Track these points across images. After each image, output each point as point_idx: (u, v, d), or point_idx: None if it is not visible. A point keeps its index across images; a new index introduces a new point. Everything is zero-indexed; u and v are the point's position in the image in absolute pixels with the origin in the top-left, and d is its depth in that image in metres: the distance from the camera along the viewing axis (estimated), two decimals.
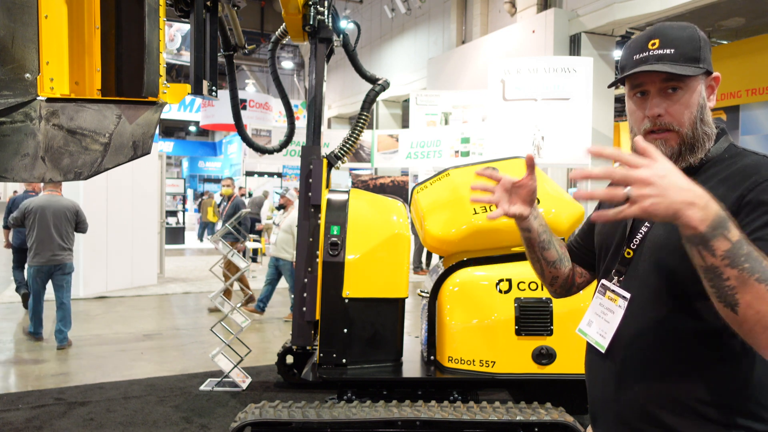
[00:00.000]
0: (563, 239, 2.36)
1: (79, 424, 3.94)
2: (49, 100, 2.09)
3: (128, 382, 4.84)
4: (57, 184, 6.03)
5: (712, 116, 1.26)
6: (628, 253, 1.28)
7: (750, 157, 1.19)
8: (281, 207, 7.25)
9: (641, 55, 1.23)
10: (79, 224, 6.01)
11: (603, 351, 1.29)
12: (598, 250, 1.44)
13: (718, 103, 8.64)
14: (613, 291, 1.30)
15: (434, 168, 11.05)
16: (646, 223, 1.25)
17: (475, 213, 3.41)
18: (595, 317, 1.34)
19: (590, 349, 1.36)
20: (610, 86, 1.35)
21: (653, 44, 1.22)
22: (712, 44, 1.25)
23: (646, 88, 1.23)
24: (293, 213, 6.89)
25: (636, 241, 1.27)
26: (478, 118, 11.75)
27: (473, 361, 3.31)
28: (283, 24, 3.80)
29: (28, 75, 2.04)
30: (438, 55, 15.14)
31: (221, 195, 10.32)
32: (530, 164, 1.32)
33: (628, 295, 1.26)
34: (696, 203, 0.94)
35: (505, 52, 11.83)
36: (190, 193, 25.41)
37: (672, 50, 1.20)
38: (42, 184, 6.22)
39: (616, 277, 1.30)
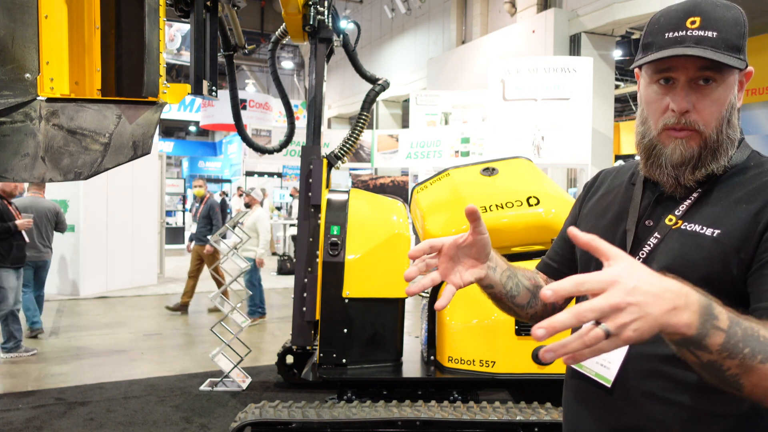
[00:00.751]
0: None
1: (79, 424, 3.94)
2: (49, 100, 2.09)
3: (128, 382, 4.84)
4: (40, 185, 6.35)
5: None
6: None
7: None
8: (247, 206, 7.31)
9: (677, 34, 1.01)
10: (58, 224, 6.35)
11: (609, 385, 1.08)
12: (584, 264, 1.23)
13: None
14: None
15: (434, 168, 11.05)
16: (656, 234, 1.07)
17: None
18: None
19: (580, 377, 1.15)
20: (633, 67, 1.12)
21: (693, 22, 1.01)
22: None
23: (674, 75, 1.03)
24: (258, 211, 6.94)
25: (643, 254, 1.08)
26: (478, 118, 11.74)
27: (473, 361, 3.31)
28: (283, 24, 3.80)
29: (28, 75, 2.04)
30: (438, 55, 15.14)
31: (194, 196, 10.11)
32: (474, 217, 1.07)
33: None
34: (677, 305, 0.75)
35: (505, 52, 11.84)
36: (190, 193, 25.39)
37: (715, 33, 1.00)
38: (26, 185, 6.41)
39: None
